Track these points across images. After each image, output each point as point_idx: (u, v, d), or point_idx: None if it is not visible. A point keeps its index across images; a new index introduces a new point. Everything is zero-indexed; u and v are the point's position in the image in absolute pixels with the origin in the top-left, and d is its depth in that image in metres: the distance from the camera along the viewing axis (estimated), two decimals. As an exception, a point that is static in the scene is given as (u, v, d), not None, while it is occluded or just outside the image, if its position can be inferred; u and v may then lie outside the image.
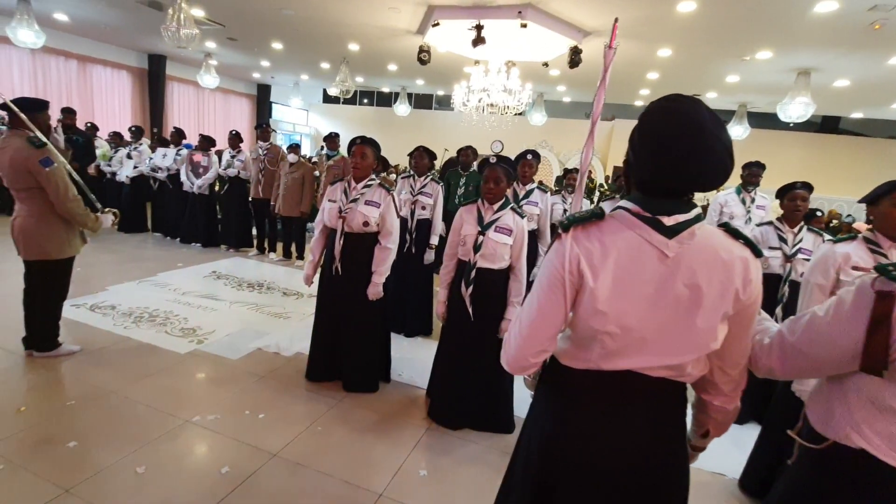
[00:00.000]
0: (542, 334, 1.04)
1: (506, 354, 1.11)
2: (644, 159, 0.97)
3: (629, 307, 0.97)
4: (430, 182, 3.75)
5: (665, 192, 0.98)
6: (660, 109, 0.95)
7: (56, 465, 2.05)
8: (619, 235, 0.99)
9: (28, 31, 7.99)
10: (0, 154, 2.68)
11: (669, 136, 0.92)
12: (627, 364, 1.01)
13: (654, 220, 0.97)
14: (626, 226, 0.99)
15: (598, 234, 1.00)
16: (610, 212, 1.03)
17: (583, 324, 1.02)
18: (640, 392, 1.03)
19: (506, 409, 2.63)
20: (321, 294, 2.87)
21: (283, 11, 7.17)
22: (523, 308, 1.10)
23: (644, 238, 0.97)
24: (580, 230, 1.01)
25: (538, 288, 1.06)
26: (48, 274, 2.87)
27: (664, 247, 0.96)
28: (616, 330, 0.98)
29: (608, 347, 1.00)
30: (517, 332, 1.08)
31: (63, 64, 10.68)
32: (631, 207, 1.00)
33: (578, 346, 1.06)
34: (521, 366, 1.09)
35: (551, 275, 1.02)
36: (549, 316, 1.03)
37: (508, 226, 2.41)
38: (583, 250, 0.99)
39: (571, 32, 6.41)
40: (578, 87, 11.39)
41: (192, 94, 13.83)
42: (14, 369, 2.82)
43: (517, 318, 1.11)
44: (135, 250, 5.88)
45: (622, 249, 0.98)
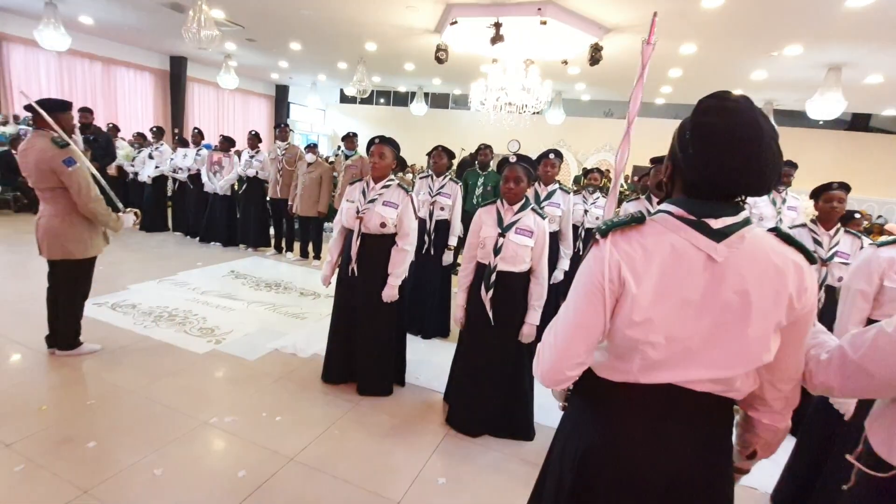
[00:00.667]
0: (579, 346, 0.98)
1: (539, 367, 1.05)
2: (699, 159, 0.90)
3: (673, 316, 0.91)
4: (449, 182, 3.70)
5: (714, 194, 0.92)
6: (718, 108, 0.89)
7: (75, 466, 2.05)
8: (662, 240, 0.93)
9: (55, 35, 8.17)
10: (25, 154, 2.71)
11: (732, 135, 0.87)
12: (670, 377, 0.94)
13: (700, 223, 0.91)
14: (669, 229, 0.93)
15: (639, 238, 0.95)
16: (650, 215, 0.97)
17: (622, 334, 0.95)
18: (684, 408, 0.96)
19: (526, 415, 2.56)
20: (338, 295, 2.84)
21: (301, 11, 7.19)
22: (558, 318, 1.04)
23: (690, 242, 0.91)
24: (620, 235, 0.96)
25: (574, 297, 0.99)
26: (71, 273, 2.89)
27: (712, 251, 0.90)
28: (659, 340, 0.92)
29: (650, 359, 0.94)
30: (552, 344, 1.02)
31: (88, 66, 10.92)
32: (674, 210, 0.94)
33: (617, 358, 0.99)
34: (557, 379, 1.02)
35: (590, 283, 0.96)
36: (588, 326, 0.97)
37: (529, 227, 2.34)
38: (624, 256, 0.94)
39: (592, 29, 6.28)
40: (598, 85, 11.21)
41: (212, 95, 14.02)
42: (36, 367, 2.86)
43: (551, 329, 1.05)
44: (155, 249, 5.95)
45: (666, 254, 0.92)
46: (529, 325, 2.39)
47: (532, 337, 2.42)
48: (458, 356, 2.70)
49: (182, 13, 7.59)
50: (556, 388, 1.10)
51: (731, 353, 0.91)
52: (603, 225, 0.98)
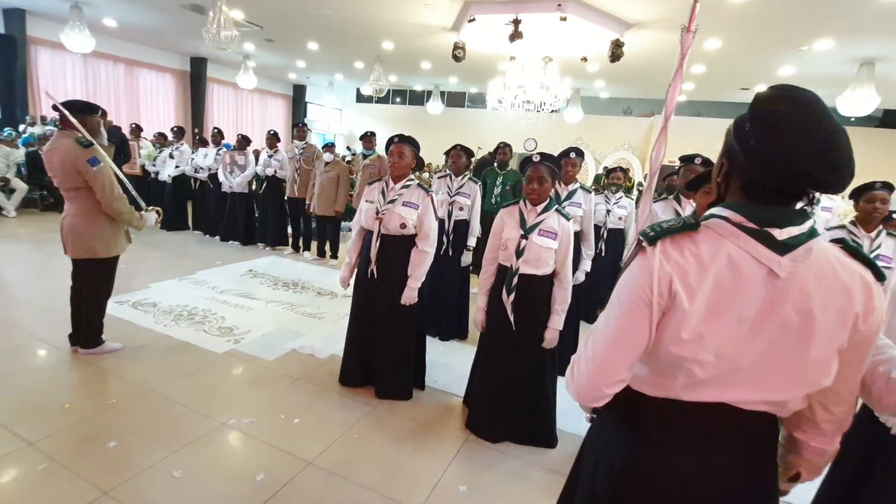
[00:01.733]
0: (619, 362, 0.91)
1: (574, 383, 0.97)
2: (762, 150, 0.81)
3: (726, 333, 0.84)
4: (468, 182, 3.64)
5: (778, 194, 0.84)
6: (783, 96, 0.81)
7: (97, 466, 2.06)
8: (718, 250, 0.84)
9: (80, 37, 8.33)
10: (50, 154, 2.74)
11: (801, 121, 0.78)
12: (715, 396, 0.87)
13: (763, 234, 0.83)
14: (726, 238, 0.85)
15: (691, 247, 0.86)
16: (704, 221, 0.89)
17: (668, 350, 0.88)
18: (729, 427, 0.89)
19: (548, 422, 2.49)
20: (356, 297, 2.81)
21: (319, 11, 7.20)
22: (595, 330, 0.96)
23: (750, 254, 0.83)
24: (670, 243, 0.87)
25: (616, 309, 0.91)
26: (94, 272, 2.92)
27: (775, 265, 0.81)
28: (708, 358, 0.84)
29: (696, 377, 0.87)
30: (588, 358, 0.94)
31: (112, 68, 11.13)
32: (732, 216, 0.85)
33: (658, 373, 0.92)
34: (593, 397, 0.95)
35: (635, 295, 0.88)
36: (630, 342, 0.90)
37: (553, 229, 2.27)
38: (675, 267, 0.85)
39: (613, 25, 6.16)
40: (618, 82, 11.03)
41: (231, 95, 14.20)
42: (60, 365, 2.89)
43: (588, 342, 0.97)
44: (176, 248, 6.02)
45: (722, 266, 0.83)
46: (552, 329, 2.33)
47: (555, 342, 2.36)
48: (478, 360, 2.64)
49: (202, 14, 7.67)
50: (592, 405, 1.03)
51: (787, 376, 0.84)
52: (650, 230, 0.89)
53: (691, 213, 2.36)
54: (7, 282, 4.32)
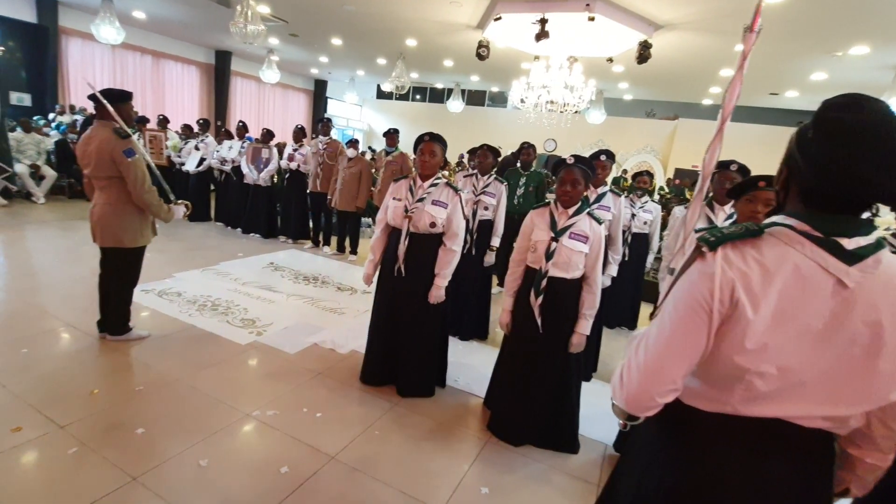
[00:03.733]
0: (673, 371, 0.88)
1: (624, 390, 0.94)
2: (823, 158, 0.79)
3: (790, 345, 0.81)
4: (494, 181, 3.62)
5: (839, 204, 0.81)
6: (850, 105, 0.79)
7: (125, 452, 2.09)
8: (783, 258, 0.82)
9: (110, 28, 8.48)
10: (87, 143, 2.78)
11: (865, 130, 0.76)
12: (776, 411, 0.84)
13: (831, 242, 0.80)
14: (792, 246, 0.82)
15: (755, 255, 0.84)
16: (767, 228, 0.86)
17: (726, 361, 0.85)
18: (788, 444, 0.87)
19: (571, 427, 2.47)
20: (380, 295, 2.80)
21: (344, 7, 7.22)
22: (648, 336, 0.93)
23: (818, 263, 0.80)
24: (731, 249, 0.85)
25: (672, 315, 0.89)
26: (122, 261, 2.96)
27: (843, 275, 0.79)
28: (770, 370, 0.82)
29: (756, 390, 0.84)
30: (640, 365, 0.91)
31: (139, 59, 11.33)
32: (797, 225, 0.83)
33: (713, 386, 0.90)
34: (644, 406, 0.92)
35: (694, 301, 0.85)
36: (686, 349, 0.87)
37: (584, 232, 2.24)
38: (738, 274, 0.83)
39: (642, 26, 6.06)
40: (642, 84, 10.88)
41: (254, 89, 14.35)
42: (89, 351, 2.94)
43: (640, 348, 0.94)
44: (199, 239, 6.10)
45: (788, 275, 0.81)
46: (579, 334, 2.30)
47: (581, 347, 2.33)
48: (501, 362, 2.63)
49: (229, 8, 7.75)
50: (642, 415, 0.99)
51: (853, 390, 0.81)
52: (711, 236, 0.87)
53: (733, 222, 2.31)
54: (36, 267, 4.42)
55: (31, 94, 9.52)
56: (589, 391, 2.78)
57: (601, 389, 3.17)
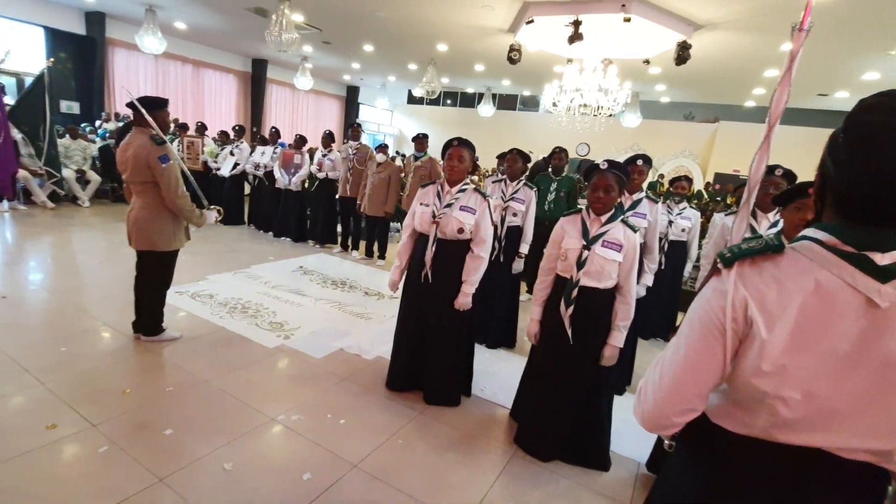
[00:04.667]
0: (690, 389, 0.84)
1: (641, 408, 0.91)
2: (853, 165, 0.73)
3: (815, 368, 0.74)
4: (523, 187, 3.54)
5: (876, 214, 0.73)
6: (885, 106, 0.71)
7: (153, 452, 2.11)
8: (804, 275, 0.75)
9: (153, 39, 8.86)
10: (125, 149, 2.87)
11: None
12: (809, 440, 0.77)
13: (861, 258, 0.73)
14: (816, 263, 0.76)
15: (774, 271, 0.78)
16: (793, 243, 0.80)
17: (746, 382, 0.79)
18: (826, 478, 0.78)
19: (602, 443, 2.36)
20: (406, 301, 2.76)
21: (376, 13, 7.29)
22: (666, 354, 0.89)
23: (844, 280, 0.73)
24: (749, 265, 0.80)
25: (688, 332, 0.85)
26: (156, 264, 3.04)
27: (874, 293, 0.71)
28: (794, 396, 0.75)
29: (781, 416, 0.77)
30: (657, 384, 0.88)
31: (180, 68, 11.78)
32: (825, 238, 0.76)
33: (738, 407, 0.83)
34: (661, 425, 0.89)
35: (707, 319, 0.81)
36: (702, 369, 0.82)
37: (618, 240, 2.14)
38: (753, 292, 0.78)
39: (680, 26, 5.86)
40: (680, 86, 10.55)
41: (288, 96, 14.71)
42: (123, 351, 3.02)
43: (658, 366, 0.90)
44: (232, 242, 6.24)
45: (809, 293, 0.74)
46: (612, 346, 2.19)
47: (614, 360, 2.22)
48: (529, 373, 2.54)
49: (265, 17, 7.96)
50: (660, 433, 0.96)
51: (893, 419, 0.73)
52: (728, 252, 0.82)
53: (778, 232, 2.16)
54: (79, 268, 4.60)
55: (79, 103, 10.03)
56: (621, 406, 2.66)
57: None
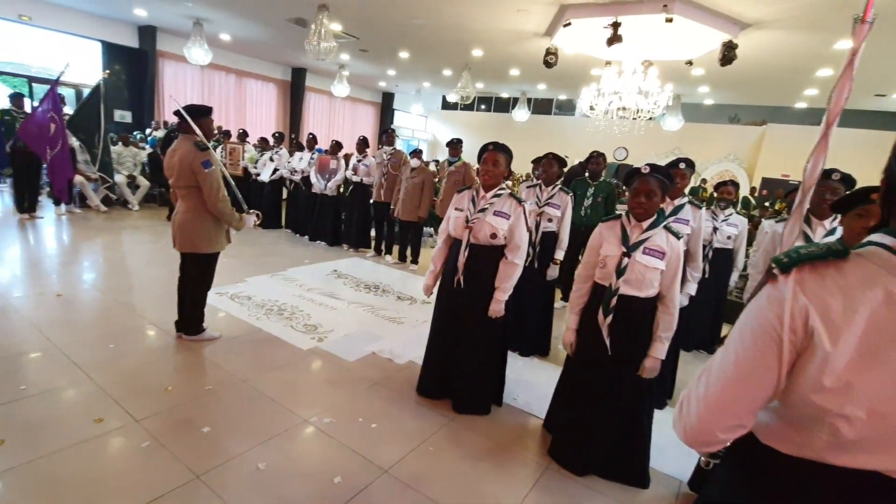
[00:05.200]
0: (737, 405, 0.78)
1: (682, 423, 0.85)
2: None
3: (883, 386, 0.67)
4: (559, 192, 3.46)
5: None
6: None
7: (191, 449, 2.17)
8: (873, 283, 0.69)
9: (200, 51, 9.27)
10: (172, 154, 2.99)
11: None
12: (869, 462, 0.70)
13: None
14: (886, 270, 0.69)
15: (837, 279, 0.71)
16: (858, 249, 0.73)
17: (805, 399, 0.73)
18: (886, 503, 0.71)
19: (641, 459, 2.26)
20: (439, 306, 2.74)
21: (413, 20, 7.36)
22: (712, 365, 0.82)
23: None
24: (809, 272, 0.73)
25: (739, 343, 0.78)
26: (198, 265, 3.14)
27: None
28: (859, 414, 0.68)
29: (842, 436, 0.70)
30: (701, 397, 0.81)
31: (224, 78, 12.28)
32: (894, 245, 0.70)
33: (792, 426, 0.77)
34: (703, 441, 0.82)
35: (761, 329, 0.75)
36: (753, 382, 0.76)
37: (661, 248, 2.05)
38: (814, 301, 0.71)
39: (726, 25, 5.64)
40: (725, 87, 10.15)
41: (325, 103, 15.07)
42: (166, 349, 3.13)
43: (702, 378, 0.84)
44: (270, 245, 6.41)
45: (878, 303, 0.67)
46: (653, 358, 2.10)
47: (655, 372, 2.12)
48: (564, 383, 2.47)
49: (305, 27, 8.18)
50: (704, 451, 0.90)
51: None
52: (785, 257, 0.75)
53: (838, 239, 2.02)
54: (129, 268, 4.82)
55: (131, 112, 10.61)
56: (662, 420, 2.55)
57: (675, 419, 2.90)
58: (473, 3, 6.25)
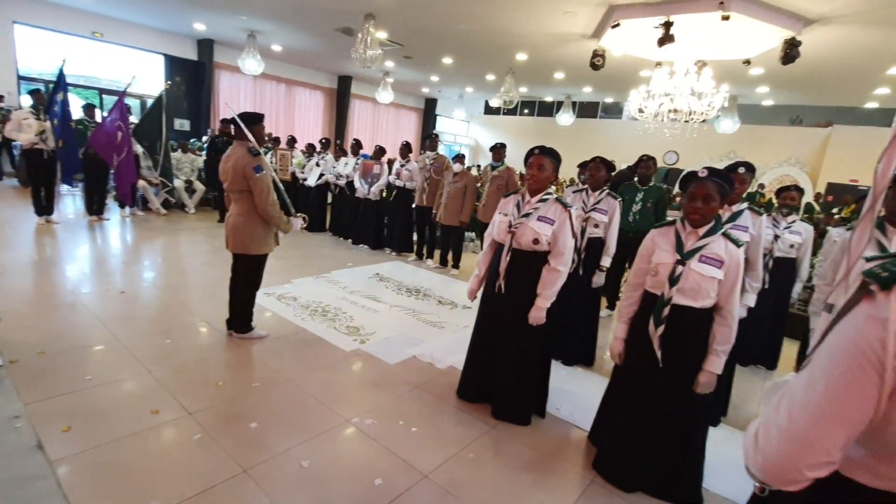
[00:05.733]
0: (829, 439, 0.69)
1: (760, 456, 0.75)
2: None
3: None
4: (606, 197, 3.36)
5: None
6: None
7: (239, 443, 2.23)
8: None
9: (252, 61, 9.70)
10: (226, 160, 3.13)
11: None
12: None
13: None
14: None
15: None
16: None
17: None
18: None
19: (694, 478, 2.14)
20: (482, 311, 2.72)
21: (458, 26, 7.40)
22: (794, 393, 0.73)
23: None
24: None
25: (830, 368, 0.69)
26: (248, 266, 3.26)
27: None
28: None
29: None
30: (784, 429, 0.72)
31: (274, 87, 12.80)
32: None
33: (882, 458, 0.70)
34: (788, 479, 0.73)
35: (858, 353, 0.66)
36: (846, 415, 0.67)
37: (719, 256, 1.94)
38: None
39: (788, 22, 5.32)
40: (786, 87, 9.59)
41: (369, 109, 15.42)
42: (217, 346, 3.25)
43: (780, 406, 0.75)
44: (315, 248, 6.58)
45: None
46: (709, 373, 1.98)
47: (711, 388, 2.00)
48: (611, 395, 2.37)
49: (351, 36, 8.40)
50: (786, 489, 0.79)
51: None
52: (883, 270, 0.67)
53: None
54: (185, 268, 5.08)
55: (189, 120, 11.23)
56: (717, 438, 2.40)
57: (730, 437, 2.73)
58: (518, 7, 6.21)
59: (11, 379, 2.53)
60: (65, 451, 2.04)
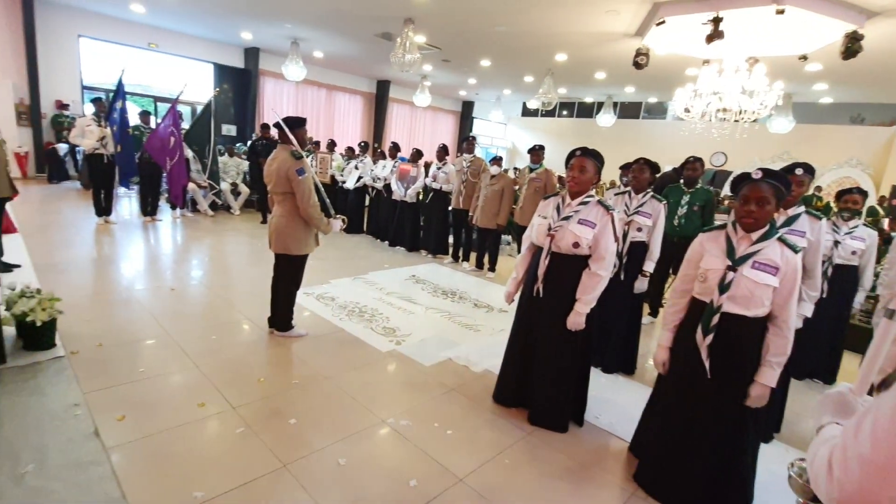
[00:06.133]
0: None
1: (835, 486, 0.69)
2: None
3: None
4: (650, 200, 3.24)
5: None
6: None
7: (280, 439, 2.29)
8: None
9: (295, 68, 10.00)
10: (271, 163, 3.23)
11: None
12: None
13: None
14: None
15: None
16: None
17: None
18: None
19: (744, 496, 2.03)
20: (519, 314, 2.68)
21: (496, 28, 7.38)
22: (877, 417, 0.66)
23: None
24: None
25: None
26: (289, 266, 3.35)
27: None
28: None
29: None
30: (865, 456, 0.65)
31: (316, 92, 13.15)
32: None
33: None
34: None
35: None
36: None
37: (773, 262, 1.83)
38: None
39: (849, 14, 5.00)
40: (846, 84, 9.02)
41: (407, 113, 15.58)
42: (259, 343, 3.35)
43: (859, 430, 0.67)
44: (352, 249, 6.70)
45: None
46: (762, 385, 1.87)
47: (763, 401, 1.89)
48: (654, 405, 2.29)
49: (390, 41, 8.51)
50: None
51: None
52: None
53: None
54: (229, 267, 5.28)
55: (235, 126, 11.70)
56: (769, 455, 2.27)
57: (784, 454, 2.58)
58: (558, 7, 6.12)
59: (73, 369, 2.69)
60: (119, 439, 2.15)
